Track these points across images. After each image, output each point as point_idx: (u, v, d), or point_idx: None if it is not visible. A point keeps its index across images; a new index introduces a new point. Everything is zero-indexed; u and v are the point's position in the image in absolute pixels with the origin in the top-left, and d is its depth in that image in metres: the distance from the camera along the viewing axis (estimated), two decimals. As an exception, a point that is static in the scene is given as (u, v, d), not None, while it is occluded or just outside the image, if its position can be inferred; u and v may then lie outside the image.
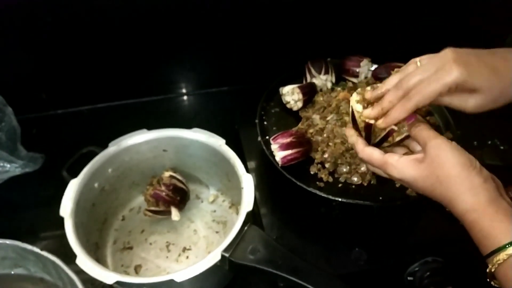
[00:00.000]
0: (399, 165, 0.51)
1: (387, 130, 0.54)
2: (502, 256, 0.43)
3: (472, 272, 0.70)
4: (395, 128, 0.53)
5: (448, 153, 0.48)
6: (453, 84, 0.49)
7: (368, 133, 0.55)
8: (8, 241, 0.62)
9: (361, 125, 0.55)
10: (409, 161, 0.51)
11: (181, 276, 0.55)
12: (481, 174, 0.48)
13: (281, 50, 0.91)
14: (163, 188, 0.72)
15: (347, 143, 0.68)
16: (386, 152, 0.54)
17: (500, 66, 0.51)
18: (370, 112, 0.54)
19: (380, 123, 0.53)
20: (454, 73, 0.49)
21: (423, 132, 0.52)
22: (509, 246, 0.43)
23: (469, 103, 0.52)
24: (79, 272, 0.57)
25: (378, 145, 0.56)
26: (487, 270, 0.46)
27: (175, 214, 0.73)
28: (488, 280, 0.47)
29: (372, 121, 0.53)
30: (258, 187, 0.73)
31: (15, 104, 0.84)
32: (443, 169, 0.48)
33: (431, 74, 0.50)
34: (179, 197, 0.72)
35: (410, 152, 0.56)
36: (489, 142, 0.79)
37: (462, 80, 0.49)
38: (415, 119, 0.53)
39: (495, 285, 0.47)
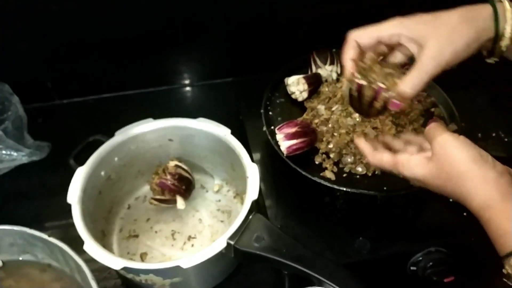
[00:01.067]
0: (409, 164, 0.52)
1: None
2: None
3: (475, 262, 0.71)
4: (382, 85, 0.53)
5: (456, 149, 0.48)
6: (388, 29, 0.55)
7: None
8: (16, 228, 0.62)
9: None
10: (419, 159, 0.51)
11: (187, 262, 0.56)
12: (495, 168, 0.47)
13: (286, 40, 0.91)
14: (168, 177, 0.72)
15: (352, 134, 0.68)
16: (396, 152, 0.54)
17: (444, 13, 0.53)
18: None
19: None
20: (390, 21, 0.55)
21: (431, 129, 0.52)
22: None
23: (422, 60, 0.52)
24: (87, 261, 0.58)
25: (378, 114, 0.57)
26: (504, 271, 0.45)
27: (180, 203, 0.73)
28: (504, 280, 0.46)
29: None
30: (262, 177, 0.73)
31: (21, 93, 0.85)
32: (452, 166, 0.48)
33: (375, 27, 0.57)
34: (184, 186, 0.73)
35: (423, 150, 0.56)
36: (494, 134, 0.79)
37: (394, 27, 0.54)
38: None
39: (511, 284, 0.45)
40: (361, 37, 0.56)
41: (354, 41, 0.57)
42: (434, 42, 0.52)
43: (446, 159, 0.48)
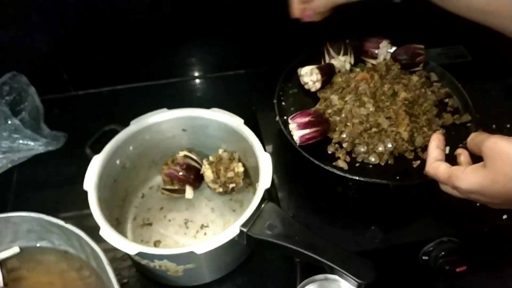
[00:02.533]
0: (464, 174, 0.49)
1: None
2: None
3: (487, 252, 0.70)
4: None
5: (508, 146, 0.45)
6: None
7: None
8: (33, 214, 0.64)
9: None
10: (473, 167, 0.49)
11: (201, 248, 0.56)
12: None
13: (299, 31, 0.91)
14: (177, 167, 0.73)
15: (365, 123, 0.68)
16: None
17: None
18: None
19: None
20: None
21: (475, 139, 0.50)
22: None
23: None
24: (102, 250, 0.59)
25: None
26: None
27: (189, 192, 0.75)
28: None
29: None
30: (275, 167, 0.73)
31: (38, 84, 0.86)
32: (509, 164, 0.45)
33: None
34: (193, 175, 0.74)
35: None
36: (508, 126, 0.79)
37: None
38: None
39: None
40: None
41: None
42: None
43: (501, 158, 0.45)
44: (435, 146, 0.57)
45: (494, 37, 0.64)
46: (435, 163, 0.54)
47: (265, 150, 0.68)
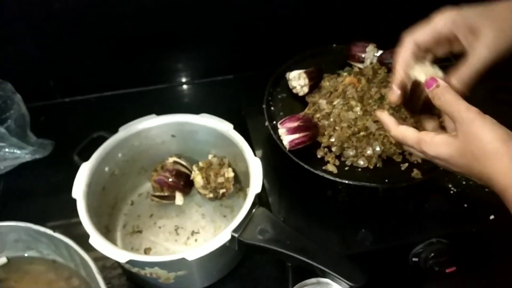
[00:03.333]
0: (434, 143, 0.50)
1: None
2: None
3: (476, 252, 0.71)
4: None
5: (484, 128, 0.46)
6: (443, 28, 0.54)
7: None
8: (21, 223, 0.63)
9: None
10: (444, 138, 0.50)
11: (192, 254, 0.56)
12: None
13: (286, 36, 0.92)
14: (166, 173, 0.73)
15: (354, 127, 0.69)
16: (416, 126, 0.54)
17: (497, 5, 0.53)
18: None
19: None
20: (444, 16, 0.54)
21: (453, 105, 0.50)
22: None
23: (473, 55, 0.53)
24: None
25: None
26: None
27: (179, 199, 0.74)
28: None
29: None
30: (265, 171, 0.73)
31: (24, 92, 0.85)
32: (479, 145, 0.46)
33: (428, 23, 0.55)
34: (183, 181, 0.74)
35: (441, 129, 0.57)
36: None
37: (453, 21, 0.53)
38: (435, 84, 0.51)
39: None
40: (419, 38, 0.55)
41: (411, 43, 0.56)
42: (489, 32, 0.52)
43: (475, 139, 0.46)
44: (386, 115, 0.57)
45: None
46: (401, 127, 0.55)
47: (255, 155, 0.68)
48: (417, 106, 0.59)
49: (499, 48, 0.52)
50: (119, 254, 0.57)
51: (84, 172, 0.65)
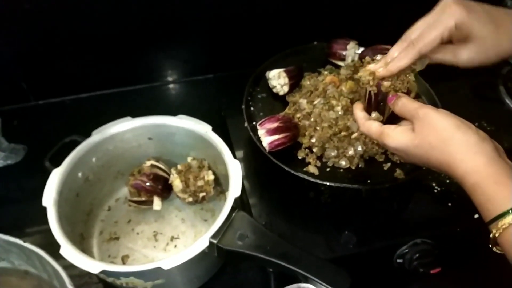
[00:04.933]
0: (394, 133, 0.52)
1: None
2: (508, 220, 0.42)
3: (460, 252, 0.71)
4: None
5: (437, 118, 0.48)
6: (453, 25, 0.51)
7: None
8: (-11, 234, 0.60)
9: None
10: (403, 129, 0.52)
11: (168, 263, 0.54)
12: (478, 134, 0.47)
13: (266, 35, 0.90)
14: (143, 177, 0.71)
15: (335, 127, 0.67)
16: None
17: (500, 17, 0.53)
18: (375, 65, 0.56)
19: (382, 71, 0.55)
20: (455, 13, 0.51)
21: (408, 105, 0.53)
22: None
23: (462, 54, 0.54)
24: (66, 267, 0.56)
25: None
26: (491, 236, 0.44)
27: (157, 203, 0.72)
28: (490, 246, 0.46)
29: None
30: (246, 174, 0.73)
31: (-5, 95, 0.82)
32: (435, 134, 0.48)
33: (433, 21, 0.53)
34: (161, 186, 0.71)
35: None
36: (476, 124, 0.78)
37: (461, 20, 0.51)
38: (396, 97, 0.55)
39: (497, 251, 0.46)
40: (425, 50, 0.54)
41: (416, 56, 0.54)
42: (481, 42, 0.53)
43: (430, 128, 0.49)
44: (360, 109, 0.59)
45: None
46: (368, 122, 0.57)
47: (235, 157, 0.66)
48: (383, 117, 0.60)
49: (482, 59, 0.54)
50: (91, 265, 0.54)
51: (55, 179, 0.63)
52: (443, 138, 0.48)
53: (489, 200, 0.44)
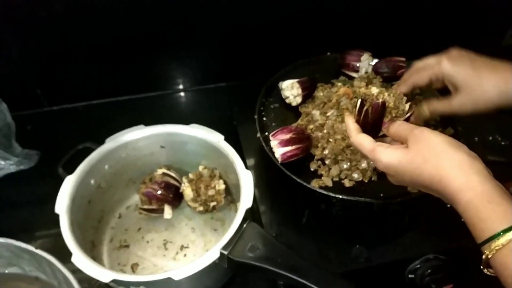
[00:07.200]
0: (387, 151, 0.52)
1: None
2: (501, 241, 0.41)
3: (473, 268, 0.69)
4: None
5: (432, 135, 0.49)
6: (439, 73, 0.60)
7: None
8: (2, 239, 0.61)
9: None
10: (396, 147, 0.52)
11: (179, 274, 0.54)
12: (469, 153, 0.47)
13: (280, 44, 0.90)
14: (155, 186, 0.71)
15: (348, 139, 0.66)
16: None
17: (484, 67, 0.58)
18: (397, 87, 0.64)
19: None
20: (442, 65, 0.60)
21: (402, 126, 0.54)
22: (509, 231, 0.41)
23: (454, 102, 0.59)
24: (75, 272, 0.56)
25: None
26: (483, 257, 0.43)
27: (167, 212, 0.72)
28: (482, 267, 0.45)
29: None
30: (257, 184, 0.72)
31: (10, 100, 0.82)
32: (428, 148, 0.48)
33: (432, 64, 0.61)
34: (172, 194, 0.72)
35: None
36: (490, 138, 0.78)
37: (446, 72, 0.59)
38: (388, 123, 0.57)
39: (489, 273, 0.44)
40: (421, 83, 0.63)
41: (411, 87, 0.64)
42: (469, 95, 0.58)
43: (423, 143, 0.49)
44: (352, 121, 0.59)
45: (476, 51, 0.63)
46: (361, 135, 0.56)
47: (246, 166, 0.66)
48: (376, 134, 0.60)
49: (471, 107, 0.59)
50: (102, 274, 0.54)
51: (68, 186, 0.63)
52: (436, 152, 0.47)
53: (482, 220, 0.43)
